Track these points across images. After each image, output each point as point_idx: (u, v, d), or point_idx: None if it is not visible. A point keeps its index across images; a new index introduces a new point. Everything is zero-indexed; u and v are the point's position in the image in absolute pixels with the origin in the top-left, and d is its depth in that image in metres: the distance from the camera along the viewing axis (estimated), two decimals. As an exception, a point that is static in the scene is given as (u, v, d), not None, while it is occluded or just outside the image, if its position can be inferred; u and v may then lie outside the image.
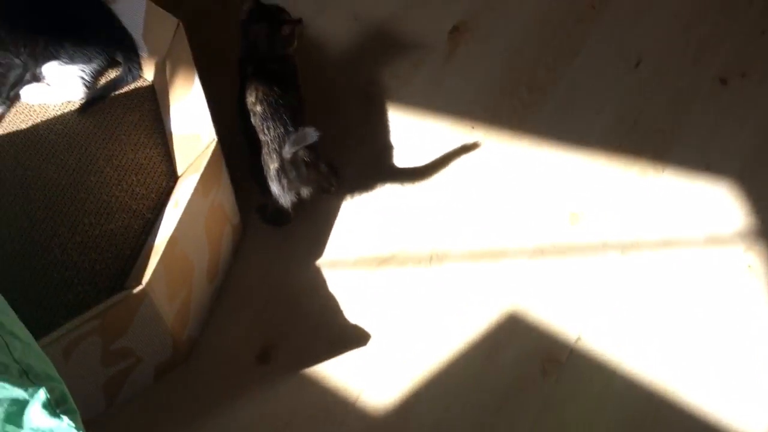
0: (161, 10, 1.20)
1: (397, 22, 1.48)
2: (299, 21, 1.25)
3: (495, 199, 1.32)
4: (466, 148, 1.35)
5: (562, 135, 1.37)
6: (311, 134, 1.11)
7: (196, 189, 1.04)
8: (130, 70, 1.24)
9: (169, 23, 1.19)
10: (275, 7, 1.27)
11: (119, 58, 1.24)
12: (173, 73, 1.19)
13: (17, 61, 1.21)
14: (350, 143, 1.36)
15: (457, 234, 1.28)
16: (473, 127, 1.38)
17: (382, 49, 1.45)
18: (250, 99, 1.19)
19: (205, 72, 1.17)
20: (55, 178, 1.15)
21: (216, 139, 1.08)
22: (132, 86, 1.25)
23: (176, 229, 1.02)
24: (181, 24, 1.18)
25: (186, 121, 1.16)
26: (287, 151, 1.13)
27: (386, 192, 1.32)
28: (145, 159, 1.18)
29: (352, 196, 1.32)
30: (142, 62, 1.25)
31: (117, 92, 1.24)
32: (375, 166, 1.35)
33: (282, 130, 1.17)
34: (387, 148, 1.36)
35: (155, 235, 1.07)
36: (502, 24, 1.48)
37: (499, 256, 1.26)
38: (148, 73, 1.26)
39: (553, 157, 1.35)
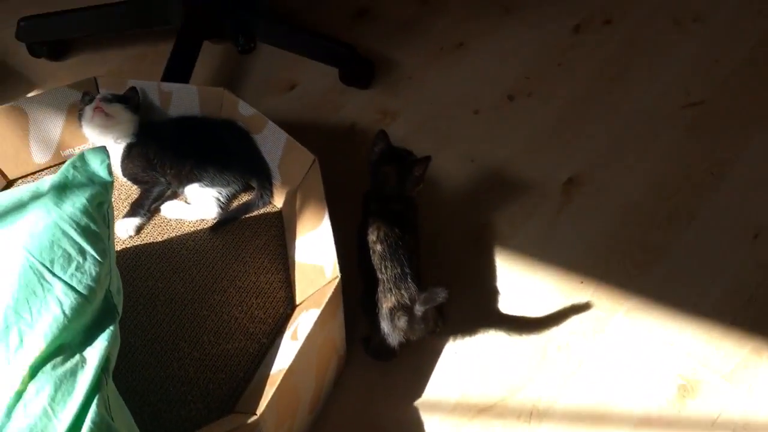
0: (299, 145, 1.28)
1: (513, 168, 1.52)
2: (428, 159, 1.30)
3: (601, 358, 1.30)
4: (574, 305, 1.35)
5: (673, 301, 1.35)
6: (441, 294, 1.14)
7: (315, 324, 1.08)
8: (262, 196, 1.32)
9: (305, 157, 1.27)
10: (404, 149, 1.33)
11: (254, 184, 1.33)
12: (303, 205, 1.26)
13: (162, 179, 1.31)
14: (458, 285, 1.38)
15: (560, 390, 1.27)
16: (582, 282, 1.38)
17: (496, 193, 1.49)
18: (372, 237, 1.24)
19: (328, 200, 1.24)
20: (181, 293, 1.22)
21: (339, 277, 1.13)
22: (261, 211, 1.33)
23: (294, 362, 1.05)
24: (317, 160, 1.26)
25: (310, 252, 1.22)
26: (418, 309, 1.16)
27: (491, 337, 1.33)
28: (266, 283, 1.24)
29: (455, 338, 1.33)
30: (274, 190, 1.32)
31: (247, 215, 1.32)
32: (481, 310, 1.36)
33: (399, 270, 1.21)
34: (494, 294, 1.38)
35: (269, 363, 1.11)
36: (617, 181, 1.50)
37: (603, 421, 1.23)
38: (278, 201, 1.34)
39: (664, 322, 1.33)
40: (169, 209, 1.32)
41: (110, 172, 0.98)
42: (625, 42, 1.72)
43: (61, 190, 0.93)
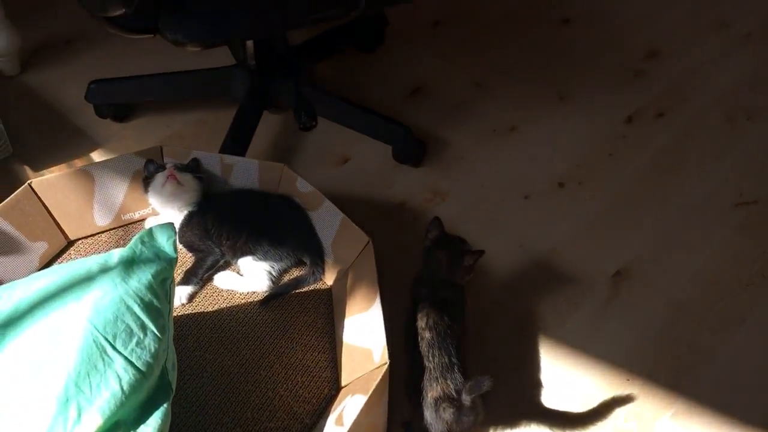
0: (354, 225, 1.30)
1: (561, 256, 1.52)
2: (481, 252, 1.31)
3: (644, 462, 1.27)
4: (619, 401, 1.33)
5: (720, 408, 1.33)
6: (486, 383, 1.14)
7: (361, 411, 1.08)
8: (313, 272, 1.33)
9: (359, 238, 1.29)
10: (458, 237, 1.34)
11: (306, 260, 1.35)
12: (354, 285, 1.27)
13: (217, 249, 1.33)
14: (502, 373, 1.36)
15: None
16: (628, 380, 1.36)
17: (543, 281, 1.48)
18: (421, 323, 1.24)
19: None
20: (228, 366, 1.23)
21: (388, 364, 1.13)
22: (311, 287, 1.34)
23: (337, 449, 1.05)
24: (371, 242, 1.27)
25: (359, 334, 1.22)
26: (465, 399, 1.16)
27: (532, 430, 1.31)
28: (312, 362, 1.24)
29: (496, 429, 1.32)
30: (326, 267, 1.34)
31: (297, 290, 1.34)
32: (524, 401, 1.34)
33: (446, 360, 1.20)
34: (537, 385, 1.36)
35: (311, 445, 1.11)
36: (667, 276, 1.49)
37: None
38: (329, 278, 1.35)
39: (711, 430, 1.30)
40: (222, 279, 1.34)
41: (176, 249, 1.01)
42: (678, 136, 1.73)
43: (129, 264, 0.96)
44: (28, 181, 1.32)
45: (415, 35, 1.92)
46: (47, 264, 1.34)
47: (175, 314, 1.30)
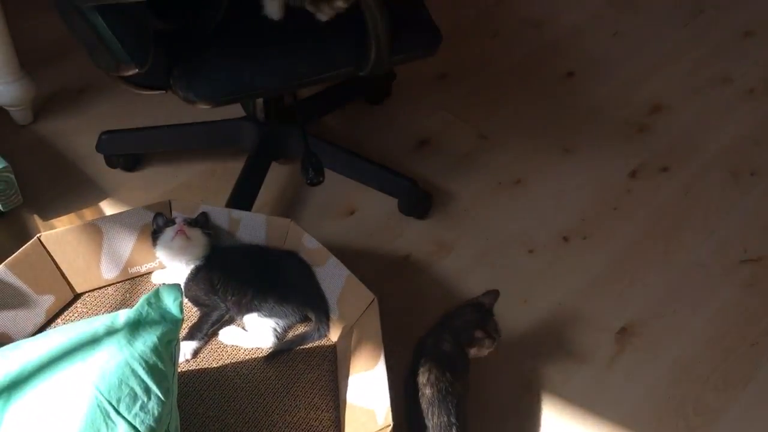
0: (360, 283, 1.31)
1: (565, 312, 1.52)
2: (493, 340, 1.29)
3: None
4: (624, 464, 1.32)
5: (728, 470, 1.32)
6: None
7: (364, 474, 1.08)
8: (318, 329, 1.34)
9: (365, 295, 1.30)
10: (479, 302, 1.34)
11: (311, 316, 1.35)
12: (359, 343, 1.27)
13: (222, 305, 1.34)
14: (506, 432, 1.37)
15: None
16: (634, 440, 1.35)
17: (547, 338, 1.48)
18: (422, 378, 1.24)
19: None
20: (231, 423, 1.22)
21: (392, 426, 1.12)
22: (316, 343, 1.34)
23: None
24: (376, 300, 1.28)
25: (363, 394, 1.22)
26: None
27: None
28: (315, 420, 1.24)
29: (499, 490, 1.31)
30: (331, 324, 1.34)
31: (301, 347, 1.34)
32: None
33: (445, 419, 1.20)
34: (543, 445, 1.36)
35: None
36: (672, 334, 1.49)
37: None
38: (334, 335, 1.36)
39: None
40: (227, 335, 1.35)
41: (181, 310, 1.02)
42: (682, 191, 1.74)
43: (135, 326, 0.97)
44: (38, 235, 1.34)
45: (421, 88, 1.95)
46: (53, 317, 1.35)
47: (179, 370, 1.30)
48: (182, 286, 1.36)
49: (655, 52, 2.08)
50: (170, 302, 1.01)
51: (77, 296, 1.39)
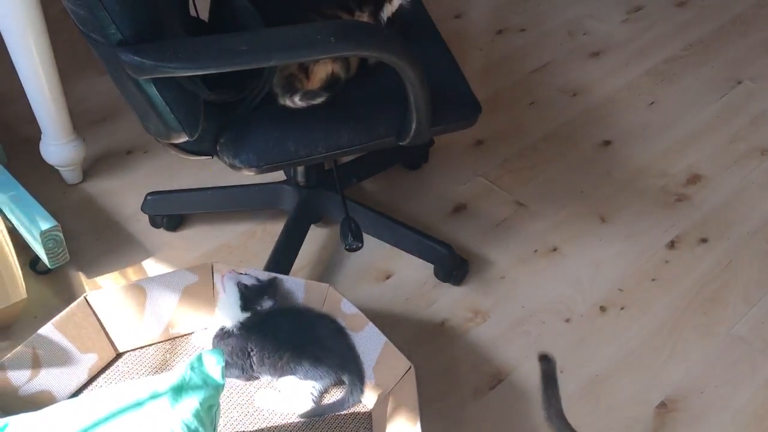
0: (397, 350, 1.32)
1: (603, 384, 1.50)
2: None
3: None
4: None
5: None
6: None
7: None
8: (352, 393, 1.34)
9: (401, 363, 1.30)
10: None
11: (345, 380, 1.36)
12: (395, 411, 1.27)
13: (255, 374, 1.36)
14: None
15: None
16: None
17: (585, 410, 1.46)
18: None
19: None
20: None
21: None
22: (351, 410, 1.34)
23: None
24: (413, 368, 1.28)
25: (397, 463, 1.22)
26: None
27: None
28: (350, 490, 1.23)
29: None
30: (367, 390, 1.35)
31: (336, 413, 1.34)
32: None
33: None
34: None
35: None
36: (713, 410, 1.46)
37: None
38: (370, 402, 1.35)
39: None
40: (262, 399, 1.35)
41: (223, 376, 1.03)
42: (721, 263, 1.72)
43: (178, 391, 0.98)
44: (84, 295, 1.38)
45: (458, 154, 1.98)
46: (95, 376, 1.37)
47: (216, 433, 1.31)
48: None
49: (692, 122, 2.09)
50: (212, 367, 1.02)
51: (119, 355, 1.42)
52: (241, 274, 1.40)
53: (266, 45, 1.14)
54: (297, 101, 1.29)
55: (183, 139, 1.26)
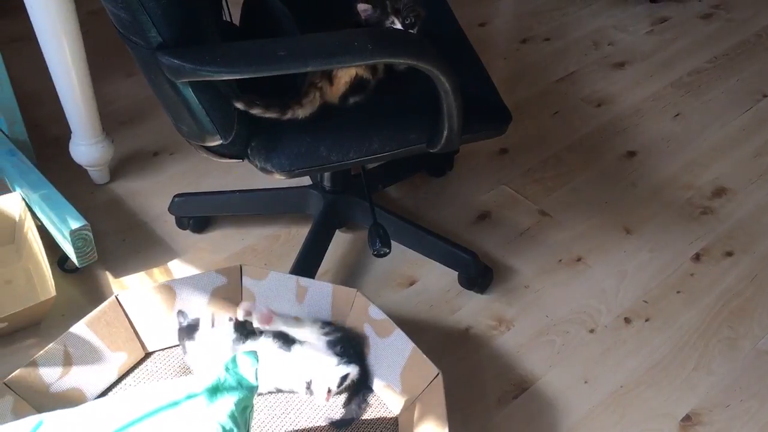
0: (425, 357, 1.32)
1: (627, 396, 1.49)
2: None
3: None
4: None
5: None
6: None
7: None
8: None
9: (429, 370, 1.30)
10: None
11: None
12: (422, 418, 1.27)
13: None
14: None
15: None
16: None
17: (609, 421, 1.45)
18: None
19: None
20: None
21: (455, 505, 1.12)
22: (378, 415, 1.35)
23: None
24: (440, 375, 1.28)
25: (424, 470, 1.22)
26: None
27: None
28: (376, 495, 1.23)
29: None
30: (394, 396, 1.35)
31: (363, 418, 1.34)
32: None
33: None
34: None
35: None
36: (738, 424, 1.45)
37: None
38: (396, 407, 1.36)
39: None
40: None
41: (257, 377, 1.04)
42: (747, 277, 1.72)
43: (213, 392, 0.99)
44: (115, 294, 1.39)
45: (482, 162, 1.99)
46: (124, 375, 1.38)
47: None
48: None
49: (717, 135, 2.09)
50: (247, 369, 1.03)
51: (148, 354, 1.43)
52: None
53: (304, 51, 1.15)
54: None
55: (217, 141, 1.27)
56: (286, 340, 1.35)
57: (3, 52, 1.73)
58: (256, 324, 1.34)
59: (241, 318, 1.34)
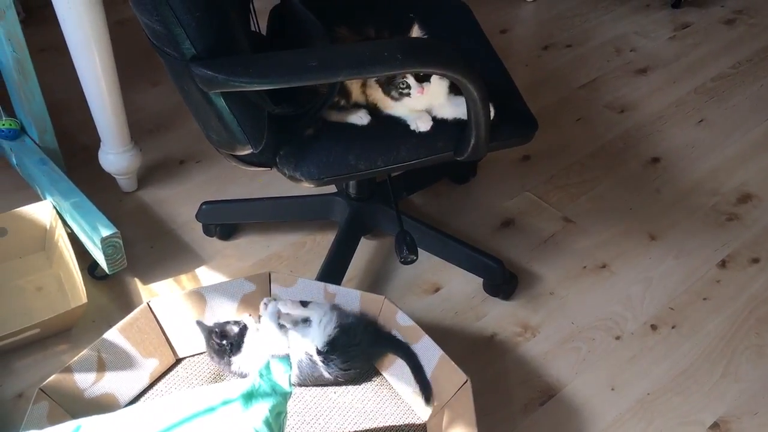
0: (453, 363, 1.33)
1: (654, 403, 1.49)
2: None
3: None
4: None
5: None
6: None
7: None
8: None
9: (457, 376, 1.31)
10: None
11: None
12: (450, 425, 1.28)
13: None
14: None
15: None
16: None
17: (636, 428, 1.45)
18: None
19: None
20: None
21: None
22: (406, 421, 1.36)
23: None
24: (469, 382, 1.29)
25: (454, 476, 1.23)
26: None
27: None
28: (406, 500, 1.24)
29: None
30: (423, 402, 1.36)
31: (391, 424, 1.35)
32: None
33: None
34: None
35: None
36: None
37: None
38: (424, 414, 1.37)
39: None
40: None
41: (290, 383, 1.05)
42: (774, 284, 1.71)
43: (248, 398, 1.01)
44: (147, 301, 1.41)
45: (505, 169, 1.99)
46: (155, 381, 1.40)
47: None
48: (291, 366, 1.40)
49: (742, 141, 2.08)
50: (280, 375, 1.04)
51: (178, 360, 1.45)
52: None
53: (335, 61, 1.17)
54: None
55: (247, 150, 1.29)
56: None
57: (33, 62, 1.76)
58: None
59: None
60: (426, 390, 1.36)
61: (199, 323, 1.42)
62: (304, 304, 1.43)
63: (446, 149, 1.36)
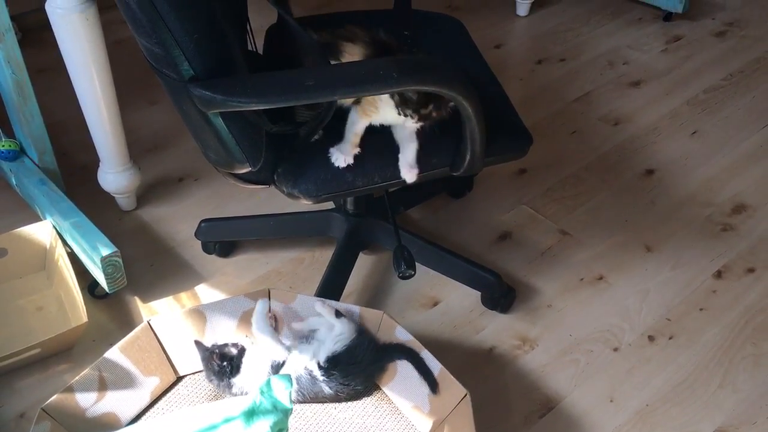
0: (452, 378, 1.33)
1: (653, 414, 1.50)
2: None
3: None
4: None
5: None
6: None
7: None
8: None
9: (457, 391, 1.32)
10: None
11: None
12: (450, 438, 1.29)
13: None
14: None
15: None
16: None
17: (637, 439, 1.47)
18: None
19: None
20: None
21: None
22: (406, 436, 1.36)
23: None
24: (468, 396, 1.30)
25: (455, 490, 1.23)
26: None
27: None
28: None
29: None
30: (422, 416, 1.36)
31: (391, 437, 1.36)
32: None
33: None
34: None
35: None
36: (766, 441, 1.46)
37: None
38: (424, 428, 1.37)
39: None
40: None
41: (291, 400, 1.06)
42: (770, 293, 1.73)
43: (249, 416, 1.02)
44: (147, 319, 1.42)
45: (501, 182, 2.01)
46: (157, 399, 1.41)
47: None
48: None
49: (735, 152, 2.10)
50: (281, 392, 1.05)
51: (179, 378, 1.45)
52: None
53: (331, 80, 1.18)
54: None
55: (246, 169, 1.31)
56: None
57: (32, 83, 1.78)
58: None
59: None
60: (430, 379, 1.37)
61: (198, 344, 1.42)
62: (338, 314, 1.45)
63: (442, 165, 1.38)
